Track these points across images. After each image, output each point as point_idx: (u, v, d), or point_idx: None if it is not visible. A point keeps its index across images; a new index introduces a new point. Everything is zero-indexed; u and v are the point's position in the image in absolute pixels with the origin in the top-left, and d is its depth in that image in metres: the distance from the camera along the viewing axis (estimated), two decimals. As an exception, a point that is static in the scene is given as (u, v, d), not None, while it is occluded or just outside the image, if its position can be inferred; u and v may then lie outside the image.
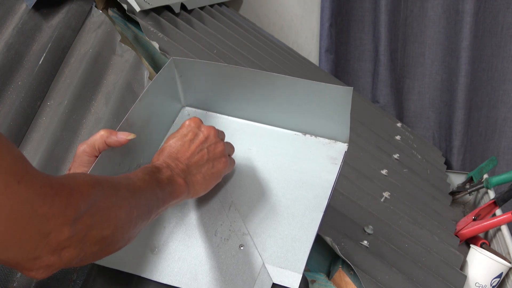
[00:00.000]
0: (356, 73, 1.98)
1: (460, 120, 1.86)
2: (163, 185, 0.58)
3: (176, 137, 0.66)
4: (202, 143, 0.66)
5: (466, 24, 1.76)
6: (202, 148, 0.65)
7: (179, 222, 0.70)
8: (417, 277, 0.94)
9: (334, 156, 0.76)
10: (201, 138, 0.66)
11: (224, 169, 0.68)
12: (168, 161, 0.62)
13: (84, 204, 0.45)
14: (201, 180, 0.64)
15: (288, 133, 0.80)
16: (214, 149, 0.67)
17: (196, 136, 0.66)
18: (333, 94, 0.71)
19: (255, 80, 0.75)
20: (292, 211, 0.70)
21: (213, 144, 0.67)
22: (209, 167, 0.65)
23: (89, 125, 0.88)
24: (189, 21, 1.31)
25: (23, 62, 0.94)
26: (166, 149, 0.65)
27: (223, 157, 0.67)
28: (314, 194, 0.72)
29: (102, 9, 1.10)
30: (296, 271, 0.65)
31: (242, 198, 0.73)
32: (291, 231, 0.68)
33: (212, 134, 0.67)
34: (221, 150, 0.67)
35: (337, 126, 0.75)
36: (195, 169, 0.64)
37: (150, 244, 0.68)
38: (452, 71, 1.86)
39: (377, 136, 1.42)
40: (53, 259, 0.44)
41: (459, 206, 1.54)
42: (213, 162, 0.66)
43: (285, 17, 1.93)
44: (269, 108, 0.79)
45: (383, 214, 1.07)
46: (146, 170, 0.58)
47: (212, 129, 0.68)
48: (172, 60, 0.77)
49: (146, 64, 1.03)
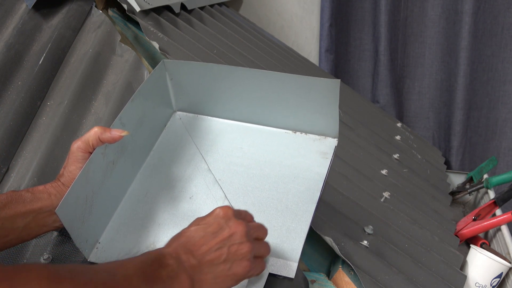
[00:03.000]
0: (356, 73, 1.98)
1: (460, 120, 1.86)
2: (158, 283, 0.51)
3: (199, 225, 0.58)
4: (225, 240, 0.57)
5: (465, 24, 1.76)
6: (223, 245, 0.57)
7: (173, 219, 0.71)
8: (417, 277, 0.94)
9: (325, 151, 0.77)
10: (225, 233, 0.57)
11: (244, 273, 0.58)
12: (180, 251, 0.55)
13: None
14: (211, 280, 0.56)
15: (278, 132, 0.81)
16: (237, 249, 0.57)
17: (221, 229, 0.57)
18: (321, 87, 0.72)
19: (245, 78, 0.76)
20: (285, 203, 0.72)
21: (236, 244, 0.57)
22: (225, 269, 0.56)
23: (89, 125, 0.88)
24: (189, 21, 1.31)
25: (23, 62, 0.94)
26: (183, 236, 0.57)
27: (246, 261, 0.58)
28: (306, 186, 0.73)
29: (102, 9, 1.10)
30: (292, 260, 0.66)
31: (236, 194, 0.74)
32: (285, 222, 0.70)
33: (239, 232, 0.58)
34: (245, 252, 0.58)
35: (326, 121, 0.76)
36: (207, 267, 0.56)
37: (146, 241, 0.69)
38: (451, 71, 1.86)
39: (377, 136, 1.42)
40: None
41: (459, 206, 1.54)
42: (231, 264, 0.57)
43: (285, 17, 1.93)
44: (259, 107, 0.79)
45: (383, 214, 1.07)
46: (144, 264, 0.51)
47: (242, 225, 0.58)
48: (163, 62, 0.78)
49: (146, 64, 1.03)
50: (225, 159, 0.79)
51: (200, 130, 0.83)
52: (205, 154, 0.79)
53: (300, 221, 0.70)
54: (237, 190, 0.74)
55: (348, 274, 0.84)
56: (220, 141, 0.81)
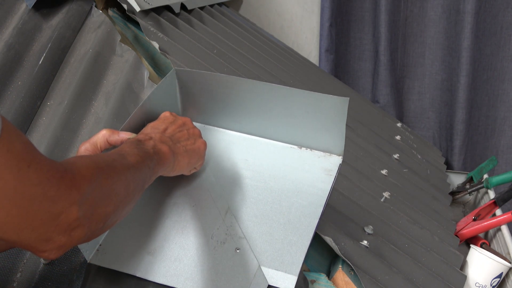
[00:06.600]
0: (356, 73, 1.98)
1: (461, 120, 1.86)
2: (150, 155, 0.60)
3: (157, 121, 0.70)
4: (181, 125, 0.71)
5: (467, 24, 1.76)
6: (182, 129, 0.70)
7: (175, 225, 0.71)
8: (417, 277, 0.94)
9: (329, 168, 0.78)
10: (179, 122, 0.71)
11: (204, 148, 0.72)
12: (150, 132, 0.66)
13: (87, 185, 0.48)
14: (183, 152, 0.67)
15: (284, 146, 0.81)
16: (193, 131, 0.71)
17: (175, 120, 0.71)
18: (329, 104, 0.72)
19: (254, 91, 0.77)
20: (288, 217, 0.72)
21: (191, 128, 0.72)
22: (191, 143, 0.70)
23: (89, 125, 0.88)
24: (189, 21, 1.31)
25: (23, 62, 0.94)
26: (147, 127, 0.68)
27: (201, 138, 0.72)
28: (309, 201, 0.74)
29: (102, 9, 1.10)
30: (292, 274, 0.65)
31: (239, 204, 0.74)
32: (287, 236, 0.69)
33: (188, 121, 0.72)
34: (199, 132, 0.72)
35: (332, 138, 0.77)
36: (177, 142, 0.67)
37: (147, 246, 0.69)
38: (452, 71, 1.86)
39: (377, 136, 1.42)
40: (64, 239, 0.46)
41: (459, 206, 1.54)
42: (194, 139, 0.71)
43: (285, 17, 1.93)
44: (266, 121, 0.80)
45: (383, 214, 1.07)
46: (132, 144, 0.60)
47: (188, 118, 0.73)
48: (174, 70, 0.78)
49: (146, 64, 1.03)
50: (230, 170, 0.79)
51: (207, 140, 0.82)
52: (210, 164, 0.79)
53: (301, 235, 0.69)
54: (240, 201, 0.74)
55: (348, 274, 0.84)
56: (226, 152, 0.81)
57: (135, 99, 0.94)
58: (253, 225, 0.71)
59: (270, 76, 1.32)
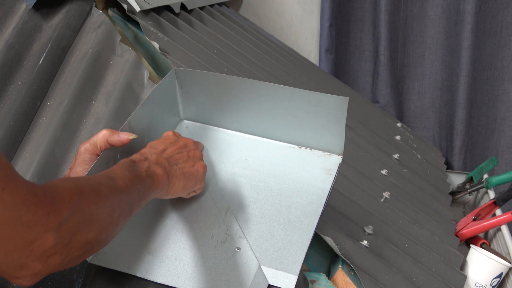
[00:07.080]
0: (356, 73, 1.98)
1: (461, 119, 1.86)
2: (142, 178, 0.58)
3: (157, 141, 0.68)
4: (182, 147, 0.68)
5: (467, 24, 1.76)
6: (182, 150, 0.68)
7: (175, 225, 0.71)
8: (417, 277, 0.94)
9: (329, 167, 0.78)
10: (180, 143, 0.69)
11: (203, 172, 0.69)
12: (147, 153, 0.63)
13: (67, 211, 0.45)
14: (179, 175, 0.65)
15: (284, 146, 0.82)
16: (194, 154, 0.69)
17: (176, 141, 0.69)
18: (329, 103, 0.72)
19: (254, 90, 0.77)
20: (287, 216, 0.72)
21: (192, 150, 0.69)
22: (189, 165, 0.67)
23: (89, 125, 0.88)
24: (189, 21, 1.31)
25: (23, 62, 0.94)
26: (146, 147, 0.66)
27: (202, 161, 0.70)
28: (309, 201, 0.74)
29: (102, 9, 1.10)
30: (292, 273, 0.65)
31: (239, 204, 0.74)
32: (287, 235, 0.69)
33: (190, 142, 0.70)
34: (199, 155, 0.70)
35: (332, 138, 0.77)
36: (175, 164, 0.65)
37: (147, 245, 0.69)
38: (453, 71, 1.86)
39: (377, 136, 1.42)
40: (39, 266, 0.44)
41: (459, 206, 1.54)
42: (193, 162, 0.68)
43: (285, 17, 1.93)
44: (266, 120, 0.80)
45: (383, 214, 1.07)
46: (124, 166, 0.58)
47: (189, 139, 0.71)
48: (174, 70, 0.78)
49: (146, 64, 1.03)
50: (229, 170, 0.79)
51: (206, 140, 0.83)
52: (210, 163, 0.79)
53: (301, 234, 0.69)
54: (240, 201, 0.74)
55: (348, 274, 0.84)
56: (226, 151, 0.81)
57: (135, 99, 0.94)
58: (253, 225, 0.71)
59: (270, 76, 1.32)
